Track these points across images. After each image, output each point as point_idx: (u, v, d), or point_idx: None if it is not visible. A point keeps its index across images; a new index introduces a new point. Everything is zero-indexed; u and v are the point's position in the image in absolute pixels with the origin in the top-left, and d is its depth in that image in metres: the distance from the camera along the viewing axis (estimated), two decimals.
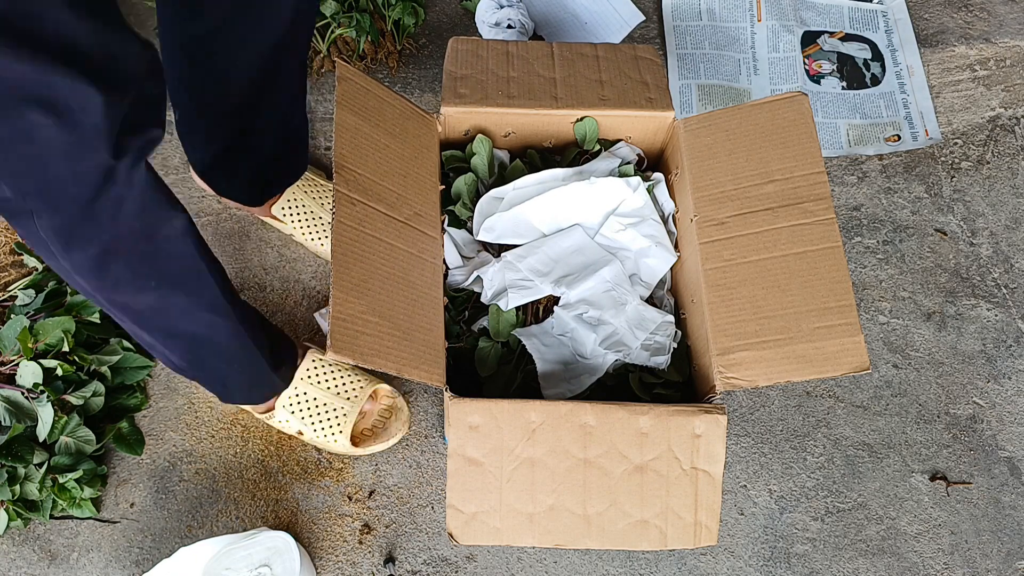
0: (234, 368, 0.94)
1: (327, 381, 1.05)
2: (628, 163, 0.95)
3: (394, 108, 0.85)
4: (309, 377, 1.04)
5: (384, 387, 1.09)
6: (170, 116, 0.95)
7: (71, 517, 1.07)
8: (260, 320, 0.98)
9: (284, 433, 1.09)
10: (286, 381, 1.03)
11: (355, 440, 1.06)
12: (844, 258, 0.79)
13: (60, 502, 1.03)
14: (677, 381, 0.88)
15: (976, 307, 1.25)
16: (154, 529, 1.07)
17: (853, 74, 1.37)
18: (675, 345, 0.89)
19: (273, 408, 1.05)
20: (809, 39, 1.39)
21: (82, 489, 1.04)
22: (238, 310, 0.88)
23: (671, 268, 0.93)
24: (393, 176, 0.82)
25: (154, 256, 0.74)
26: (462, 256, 0.91)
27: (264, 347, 0.94)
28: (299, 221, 1.16)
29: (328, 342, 0.69)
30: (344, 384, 1.05)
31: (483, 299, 0.89)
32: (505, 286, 0.87)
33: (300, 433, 1.06)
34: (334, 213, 0.74)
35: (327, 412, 1.04)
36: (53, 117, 0.56)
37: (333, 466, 1.10)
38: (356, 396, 1.05)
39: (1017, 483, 1.14)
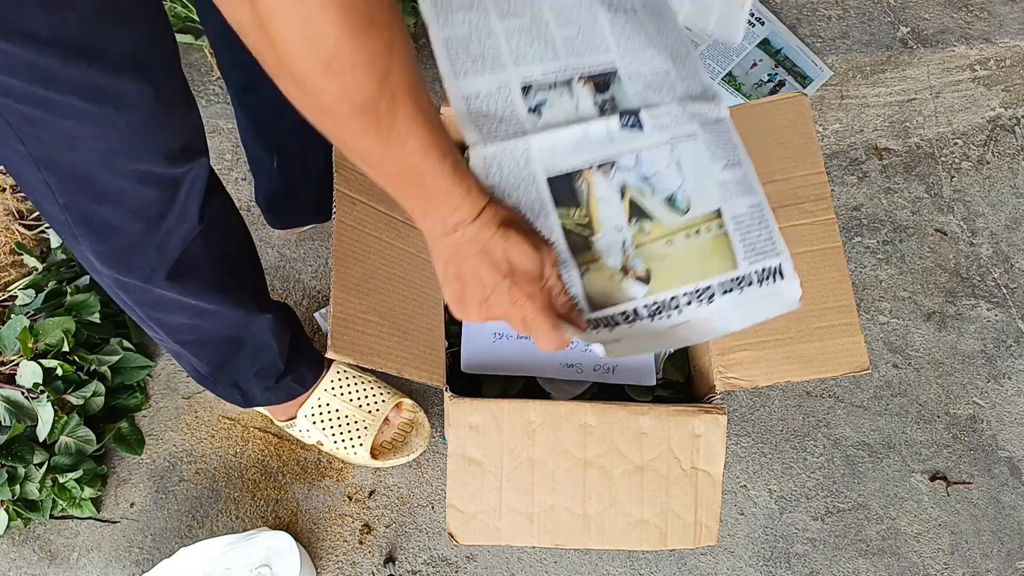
0: (254, 368, 0.94)
1: (350, 393, 1.04)
2: None
3: None
4: (333, 388, 1.03)
5: (407, 401, 1.08)
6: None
7: (71, 517, 1.07)
8: (288, 318, 0.97)
9: (300, 441, 1.09)
10: (304, 386, 1.02)
11: (375, 453, 1.06)
12: (844, 258, 0.79)
13: (60, 502, 1.03)
14: (677, 381, 0.88)
15: (976, 307, 1.25)
16: (154, 529, 1.07)
17: None
18: (670, 350, 0.89)
19: (294, 417, 1.04)
20: None
21: (82, 489, 1.03)
22: (271, 310, 0.89)
23: None
24: None
25: (200, 279, 0.77)
26: None
27: (285, 344, 0.94)
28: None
29: (328, 342, 0.69)
30: (368, 397, 1.05)
31: None
32: None
33: (320, 444, 1.05)
34: (335, 213, 0.73)
35: (348, 424, 1.04)
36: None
37: (333, 466, 1.10)
38: (378, 410, 1.05)
39: (1017, 483, 1.14)
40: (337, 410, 1.03)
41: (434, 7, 0.67)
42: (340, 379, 1.04)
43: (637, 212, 0.66)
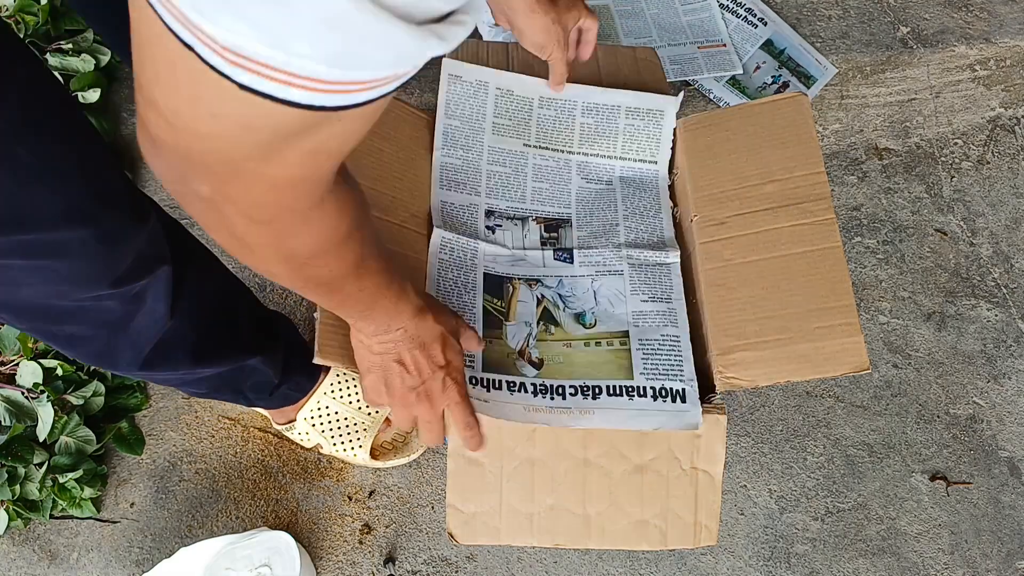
0: (248, 383, 0.93)
1: (350, 396, 1.03)
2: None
3: (387, 112, 0.85)
4: (332, 392, 1.03)
5: None
6: None
7: (71, 517, 1.07)
8: (279, 343, 0.95)
9: (300, 444, 1.09)
10: (301, 391, 1.01)
11: (375, 453, 1.06)
12: (844, 258, 0.79)
13: (60, 502, 1.03)
14: None
15: (976, 307, 1.25)
16: (154, 529, 1.07)
17: None
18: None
19: (293, 420, 1.04)
20: None
21: (82, 489, 1.03)
22: (262, 336, 0.88)
23: None
24: (387, 180, 0.82)
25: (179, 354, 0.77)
26: None
27: (278, 365, 0.93)
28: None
29: (315, 347, 0.68)
30: None
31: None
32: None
33: (319, 446, 1.05)
34: None
35: (348, 427, 1.03)
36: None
37: (333, 466, 1.10)
38: (378, 411, 1.04)
39: (1017, 483, 1.14)
40: (336, 412, 1.03)
41: (443, 138, 0.89)
42: (340, 382, 1.04)
43: (547, 318, 0.81)
